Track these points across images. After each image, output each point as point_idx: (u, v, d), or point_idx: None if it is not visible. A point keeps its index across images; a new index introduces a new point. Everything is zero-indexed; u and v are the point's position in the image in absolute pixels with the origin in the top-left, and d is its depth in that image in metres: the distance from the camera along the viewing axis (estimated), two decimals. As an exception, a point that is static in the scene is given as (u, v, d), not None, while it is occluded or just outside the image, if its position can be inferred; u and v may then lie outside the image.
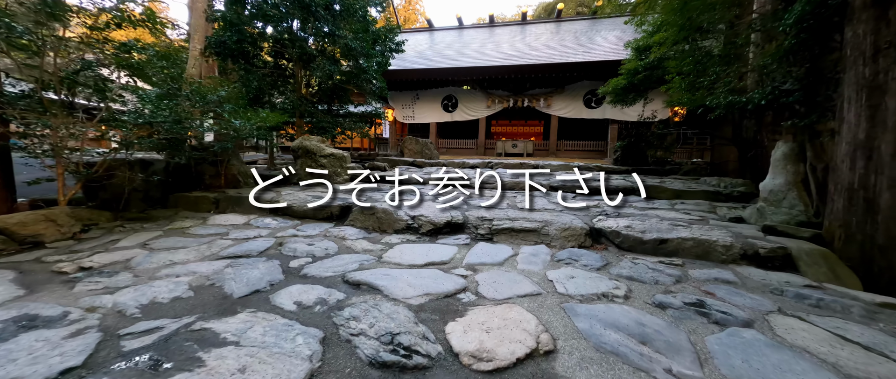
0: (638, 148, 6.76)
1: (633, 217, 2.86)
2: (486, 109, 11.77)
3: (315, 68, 5.72)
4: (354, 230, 2.78)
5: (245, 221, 3.02)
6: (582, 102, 10.90)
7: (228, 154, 4.05)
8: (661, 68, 5.20)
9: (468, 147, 12.52)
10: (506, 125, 14.91)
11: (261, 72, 6.44)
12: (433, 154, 7.93)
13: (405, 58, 12.02)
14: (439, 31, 14.30)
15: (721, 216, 3.05)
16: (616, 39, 10.92)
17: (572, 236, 2.46)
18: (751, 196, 3.90)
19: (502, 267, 2.00)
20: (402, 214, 2.81)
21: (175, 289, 1.55)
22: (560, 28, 12.81)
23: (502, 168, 6.73)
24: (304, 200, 3.23)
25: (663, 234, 2.33)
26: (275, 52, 6.84)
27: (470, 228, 2.72)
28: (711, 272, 1.95)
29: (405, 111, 12.38)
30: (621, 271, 1.93)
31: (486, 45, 12.37)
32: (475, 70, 10.67)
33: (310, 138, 5.13)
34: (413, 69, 11.20)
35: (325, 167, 4.93)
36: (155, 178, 3.10)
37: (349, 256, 2.13)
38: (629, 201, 3.87)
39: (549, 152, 11.63)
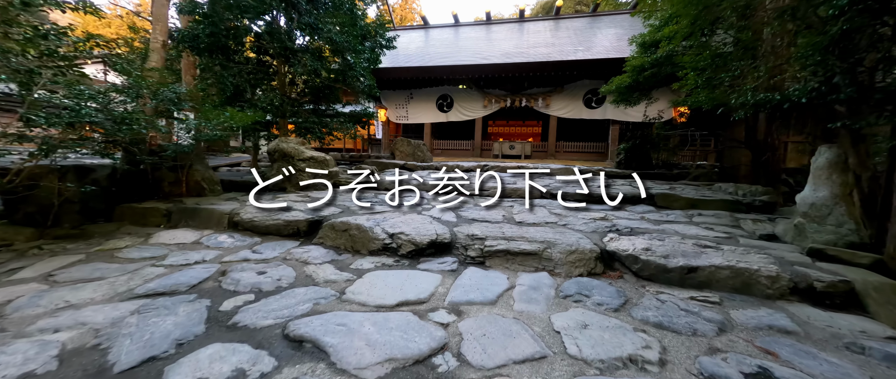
0: (642, 150, 6.37)
1: (649, 234, 2.45)
2: (482, 109, 11.35)
3: (296, 64, 5.28)
4: (322, 251, 2.34)
5: (196, 238, 2.57)
6: (582, 102, 10.51)
7: (190, 158, 3.60)
8: (670, 64, 4.81)
9: (464, 148, 12.10)
10: (503, 126, 14.51)
11: (241, 68, 5.99)
12: (426, 156, 7.50)
13: (399, 56, 11.60)
14: (434, 29, 13.88)
15: (749, 233, 2.64)
16: (617, 37, 10.54)
17: (580, 261, 2.04)
18: (775, 206, 3.50)
19: (495, 307, 1.58)
20: (379, 231, 2.38)
21: (36, 356, 1.11)
22: (559, 26, 12.42)
23: (499, 171, 6.31)
24: (268, 213, 2.79)
25: (691, 259, 1.92)
26: (258, 48, 6.40)
27: (458, 249, 2.29)
28: (760, 315, 1.54)
29: (398, 111, 11.94)
30: (647, 314, 1.52)
31: (482, 43, 11.96)
32: (471, 68, 10.25)
33: (287, 140, 4.69)
34: (406, 67, 10.77)
35: (304, 171, 4.48)
36: (90, 189, 2.65)
37: (305, 291, 1.70)
38: (639, 211, 3.46)
39: (548, 154, 11.23)
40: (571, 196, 3.96)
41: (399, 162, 6.89)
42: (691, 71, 3.64)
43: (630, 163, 6.53)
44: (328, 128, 6.65)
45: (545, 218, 3.02)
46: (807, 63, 2.25)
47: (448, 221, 2.82)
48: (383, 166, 6.79)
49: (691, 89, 3.68)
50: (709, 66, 3.37)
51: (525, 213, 3.24)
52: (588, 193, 3.91)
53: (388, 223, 2.54)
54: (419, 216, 2.84)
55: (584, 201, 3.87)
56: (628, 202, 3.84)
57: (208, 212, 2.89)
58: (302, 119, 6.17)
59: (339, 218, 2.63)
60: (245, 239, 2.57)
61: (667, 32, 4.42)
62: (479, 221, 2.86)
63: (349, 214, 2.89)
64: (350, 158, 10.41)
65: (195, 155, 3.74)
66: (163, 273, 1.88)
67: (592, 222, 2.85)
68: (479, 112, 11.42)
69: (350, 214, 2.89)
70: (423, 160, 7.44)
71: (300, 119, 6.24)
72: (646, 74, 5.17)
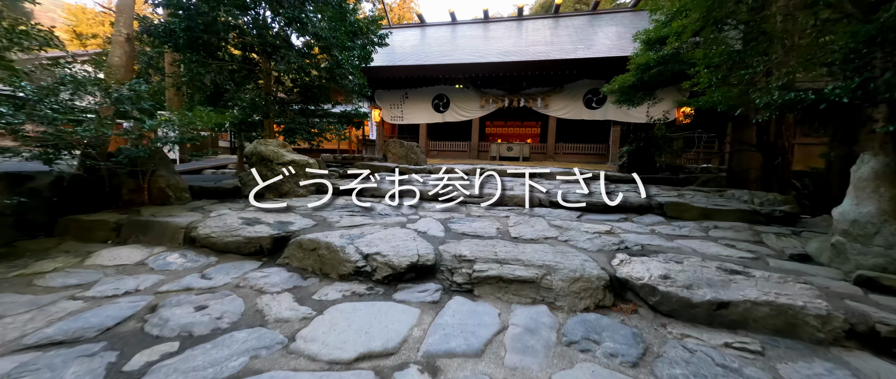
0: (646, 153, 6.05)
1: (664, 255, 2.12)
2: (479, 110, 11.03)
3: (279, 61, 4.94)
4: (284, 275, 2.01)
5: (142, 257, 2.23)
6: (582, 102, 10.20)
7: (152, 163, 3.26)
8: (677, 62, 4.49)
9: (460, 149, 11.77)
10: (501, 126, 14.21)
11: (222, 66, 5.65)
12: (419, 159, 7.17)
13: (394, 54, 11.27)
14: (431, 27, 13.55)
15: (777, 251, 2.32)
16: (618, 35, 10.24)
17: (586, 291, 1.71)
18: (796, 218, 3.19)
19: (481, 362, 1.25)
20: (351, 251, 2.05)
21: None
22: (558, 24, 12.11)
23: (496, 175, 5.98)
24: (230, 227, 2.45)
25: (719, 291, 1.59)
26: (243, 44, 6.06)
27: (443, 273, 1.96)
28: (816, 372, 1.21)
29: (393, 111, 11.60)
30: (675, 373, 1.19)
31: (479, 42, 11.64)
32: (468, 67, 9.93)
33: (266, 142, 4.35)
34: (401, 66, 10.44)
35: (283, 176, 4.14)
36: (23, 200, 2.30)
37: (245, 336, 1.37)
38: (648, 223, 3.14)
39: (547, 156, 10.91)
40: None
41: (390, 165, 6.56)
42: (704, 68, 3.32)
43: (633, 166, 6.20)
44: (317, 129, 6.32)
45: (544, 231, 2.69)
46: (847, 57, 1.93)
47: (434, 235, 2.49)
48: (373, 170, 6.46)
49: (704, 88, 3.36)
50: (724, 62, 3.05)
51: (523, 225, 2.91)
52: (591, 202, 3.58)
53: (365, 241, 2.21)
54: (402, 231, 2.51)
55: (587, 211, 3.55)
56: (635, 211, 3.52)
57: (162, 225, 2.54)
58: (288, 119, 5.83)
59: (308, 234, 2.30)
60: (198, 259, 2.23)
61: (675, 27, 4.11)
62: (469, 235, 2.53)
63: (325, 228, 2.56)
64: (342, 160, 10.07)
65: (159, 159, 3.40)
66: (77, 309, 1.54)
67: (598, 238, 2.52)
68: (476, 112, 11.10)
69: (326, 228, 2.56)
70: (416, 163, 7.11)
71: (286, 119, 5.90)
72: (651, 73, 4.86)
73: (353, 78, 5.90)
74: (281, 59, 4.93)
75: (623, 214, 3.47)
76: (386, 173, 6.22)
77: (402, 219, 3.00)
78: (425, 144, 11.73)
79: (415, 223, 2.84)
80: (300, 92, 6.83)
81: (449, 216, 3.19)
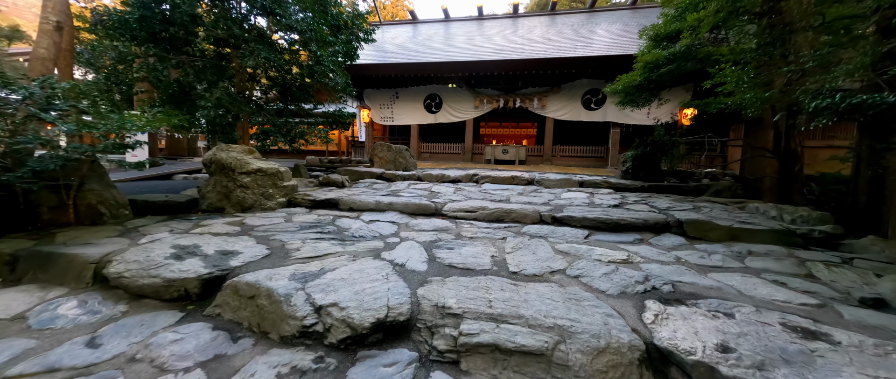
0: (652, 159, 5.62)
1: (706, 301, 1.65)
2: (473, 110, 10.55)
3: (247, 55, 4.40)
4: (206, 337, 1.50)
5: (27, 307, 1.71)
6: (580, 103, 9.78)
7: (79, 174, 2.72)
8: (691, 59, 4.05)
9: (454, 152, 11.28)
10: (496, 127, 13.76)
11: (189, 62, 5.09)
12: (408, 163, 6.66)
13: (385, 52, 10.75)
14: (423, 24, 13.05)
15: (841, 293, 1.86)
16: (618, 33, 9.84)
17: (614, 368, 1.23)
18: (839, 239, 2.75)
19: None
20: (299, 301, 1.55)
21: None
22: (555, 22, 11.69)
23: (490, 183, 5.50)
24: (152, 262, 1.93)
25: (806, 377, 1.12)
26: (216, 39, 5.50)
27: (420, 332, 1.47)
28: None
29: (383, 112, 11.08)
30: None
31: (474, 39, 11.16)
32: (461, 65, 9.44)
33: (229, 149, 3.81)
34: (391, 64, 9.92)
35: (247, 188, 3.62)
36: None
37: None
38: (669, 246, 2.68)
39: (544, 159, 10.48)
40: (579, 221, 3.16)
41: (376, 170, 6.04)
42: (732, 65, 2.87)
43: (638, 172, 5.77)
44: (296, 130, 5.78)
45: (549, 261, 2.21)
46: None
47: (414, 269, 2.00)
48: (357, 176, 5.94)
49: (731, 88, 2.90)
50: (759, 58, 2.60)
51: (522, 250, 2.43)
52: (599, 219, 3.11)
53: (322, 283, 1.70)
54: (374, 264, 2.01)
55: (595, 229, 3.08)
56: (650, 230, 3.06)
57: (69, 258, 2.01)
58: (263, 121, 5.29)
59: (249, 274, 1.79)
60: (101, 308, 1.70)
61: (690, 21, 3.66)
62: (458, 269, 2.05)
63: (278, 260, 2.05)
64: (328, 164, 9.52)
65: (89, 170, 2.85)
66: None
67: (615, 272, 2.05)
68: (469, 113, 10.62)
69: (279, 260, 2.05)
70: (405, 167, 6.60)
71: (262, 120, 5.36)
72: (661, 72, 4.42)
73: (334, 75, 5.38)
74: (250, 53, 4.39)
75: (636, 233, 3.01)
76: (371, 180, 5.72)
77: (377, 244, 2.49)
78: (417, 146, 11.23)
79: (392, 250, 2.34)
80: (280, 91, 6.30)
81: (435, 238, 2.70)
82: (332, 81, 5.48)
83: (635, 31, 9.88)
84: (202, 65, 4.94)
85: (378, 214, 3.53)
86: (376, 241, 2.57)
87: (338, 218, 3.32)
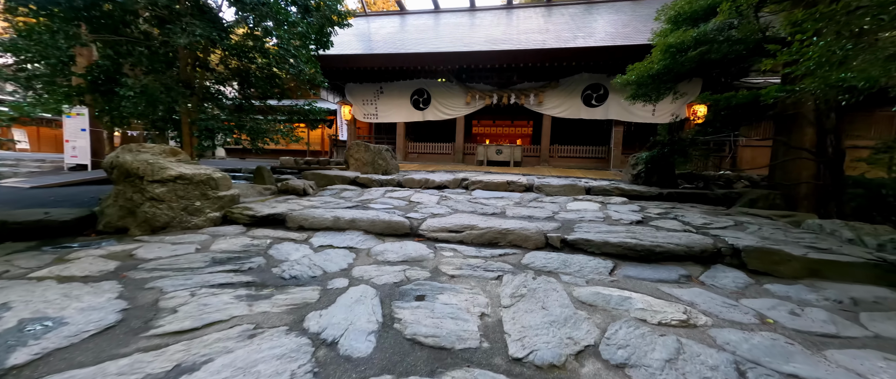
0: (668, 161, 4.87)
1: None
2: (464, 107, 9.74)
3: (176, 32, 3.51)
4: None
5: None
6: (580, 99, 9.03)
7: None
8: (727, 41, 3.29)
9: (443, 152, 10.46)
10: (489, 125, 12.99)
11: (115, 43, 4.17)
12: (389, 165, 5.82)
13: (369, 43, 9.89)
14: (411, 15, 12.19)
15: None
16: (622, 23, 9.12)
17: None
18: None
19: None
20: None
21: None
22: (551, 13, 10.94)
23: (482, 190, 4.69)
24: None
25: None
26: (159, 18, 4.58)
27: None
28: None
29: (366, 108, 10.20)
30: None
31: (465, 30, 10.35)
32: (451, 56, 8.62)
33: (139, 149, 2.93)
34: (375, 55, 9.05)
35: (161, 201, 2.76)
36: None
37: None
38: (732, 288, 1.90)
39: (541, 160, 9.72)
40: (598, 247, 2.37)
41: (350, 174, 5.18)
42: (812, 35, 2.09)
43: (651, 176, 5.02)
44: (260, 128, 4.88)
45: (569, 328, 1.40)
46: None
47: (350, 353, 1.19)
48: (327, 181, 5.08)
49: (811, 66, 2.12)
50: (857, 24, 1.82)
51: (526, 301, 1.63)
52: (625, 245, 2.32)
53: None
54: (285, 343, 1.19)
55: (621, 259, 2.29)
56: (695, 260, 2.27)
57: None
58: (207, 117, 4.39)
59: None
60: None
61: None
62: (425, 345, 1.25)
63: (118, 338, 1.21)
64: (303, 165, 8.62)
65: None
66: None
67: (680, 353, 1.25)
68: (460, 110, 9.80)
69: (120, 339, 1.21)
70: (386, 170, 5.76)
71: (205, 117, 4.47)
72: (689, 56, 3.65)
73: (296, 62, 4.50)
74: (182, 30, 3.50)
75: (678, 264, 2.22)
76: (342, 186, 4.86)
77: (310, 294, 1.66)
78: (403, 146, 10.38)
79: (329, 307, 1.52)
80: (239, 81, 5.40)
81: (401, 278, 1.88)
82: (295, 69, 4.60)
83: (639, 22, 9.18)
84: (128, 49, 4.03)
85: (334, 235, 2.69)
86: (311, 288, 1.74)
87: (277, 243, 2.47)
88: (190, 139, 4.51)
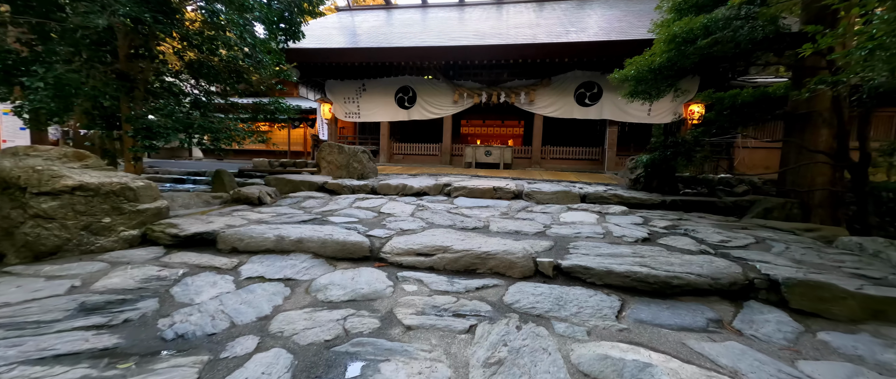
0: (669, 164, 4.44)
1: None
2: (452, 106, 9.24)
3: (94, 11, 2.92)
4: None
5: None
6: (573, 98, 8.61)
7: None
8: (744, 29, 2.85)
9: (430, 153, 9.95)
10: (478, 125, 12.53)
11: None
12: (365, 169, 5.28)
13: (353, 38, 9.33)
14: (397, 10, 11.63)
15: None
16: (615, 18, 8.73)
17: None
18: None
19: None
20: None
21: None
22: (543, 8, 10.50)
23: (465, 197, 4.19)
24: None
25: None
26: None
27: None
28: None
29: (347, 106, 9.62)
30: None
31: (453, 24, 9.85)
32: (438, 51, 8.11)
33: (32, 152, 2.37)
34: (356, 49, 8.50)
35: (52, 219, 2.20)
36: None
37: None
38: (779, 341, 1.43)
39: (532, 161, 9.27)
40: (600, 277, 1.88)
41: (318, 180, 4.63)
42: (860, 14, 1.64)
43: (651, 181, 4.59)
44: (204, 127, 4.29)
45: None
46: None
47: None
48: (291, 187, 4.52)
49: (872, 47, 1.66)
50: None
51: (504, 369, 1.13)
52: (634, 275, 1.84)
53: None
54: None
55: (631, 293, 1.81)
56: (725, 296, 1.79)
57: None
58: (144, 111, 3.80)
59: None
60: None
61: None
62: None
63: None
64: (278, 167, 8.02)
65: None
66: None
67: None
68: (448, 109, 9.29)
69: None
70: (361, 174, 5.22)
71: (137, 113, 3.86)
72: (698, 46, 3.21)
73: (251, 51, 3.93)
74: (101, 9, 2.91)
75: (703, 302, 1.75)
76: (308, 193, 4.31)
77: (187, 373, 1.13)
78: (388, 147, 9.84)
79: None
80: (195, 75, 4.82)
81: (336, 334, 1.37)
82: (252, 60, 4.03)
83: (633, 17, 8.80)
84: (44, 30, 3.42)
85: (274, 260, 2.16)
86: (194, 358, 1.20)
87: (193, 273, 1.93)
88: (128, 140, 3.91)
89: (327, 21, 11.08)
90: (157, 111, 3.83)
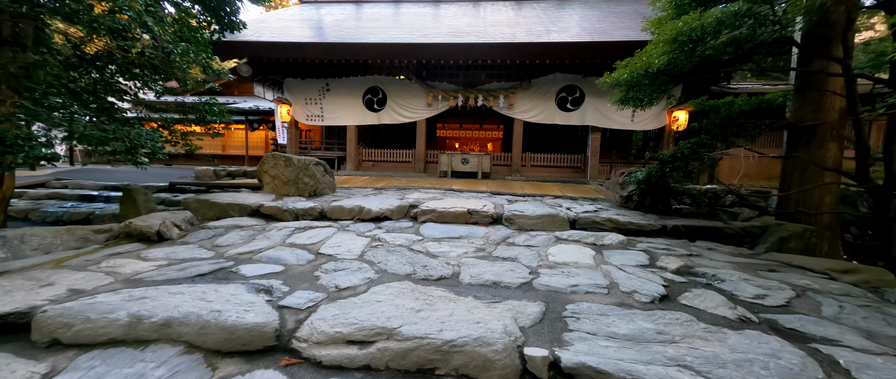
0: (664, 180, 3.93)
1: None
2: (425, 109, 8.51)
3: None
4: None
5: None
6: (554, 102, 8.10)
7: None
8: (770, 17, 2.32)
9: (403, 160, 9.18)
10: (455, 129, 11.88)
11: None
12: (319, 184, 4.46)
13: (317, 32, 8.41)
14: (367, 4, 10.77)
15: None
16: (597, 19, 8.31)
17: None
18: None
19: None
20: None
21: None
22: (522, 7, 9.98)
23: (434, 222, 3.48)
24: None
25: None
26: None
27: None
28: None
29: (309, 108, 8.68)
30: None
31: (427, 21, 9.12)
32: (410, 49, 7.37)
33: None
34: (318, 43, 7.62)
35: None
36: None
37: None
38: None
39: (513, 169, 8.70)
40: None
41: (252, 202, 3.76)
42: None
43: (644, 199, 4.06)
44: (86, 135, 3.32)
45: None
46: None
47: None
48: (219, 211, 3.64)
49: None
50: None
51: None
52: None
53: None
54: None
55: None
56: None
57: None
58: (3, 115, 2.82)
59: None
60: None
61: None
62: None
63: None
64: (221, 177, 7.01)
65: None
66: None
67: None
68: (421, 112, 8.56)
69: None
70: (314, 192, 4.39)
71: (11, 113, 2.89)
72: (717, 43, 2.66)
73: (155, 40, 3.04)
74: None
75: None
76: (237, 219, 3.46)
77: None
78: (356, 153, 8.98)
79: None
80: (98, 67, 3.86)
81: None
82: (158, 51, 3.13)
83: (615, 18, 8.43)
84: None
85: (118, 360, 1.37)
86: None
87: None
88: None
89: (286, 13, 10.07)
90: (13, 116, 2.85)
